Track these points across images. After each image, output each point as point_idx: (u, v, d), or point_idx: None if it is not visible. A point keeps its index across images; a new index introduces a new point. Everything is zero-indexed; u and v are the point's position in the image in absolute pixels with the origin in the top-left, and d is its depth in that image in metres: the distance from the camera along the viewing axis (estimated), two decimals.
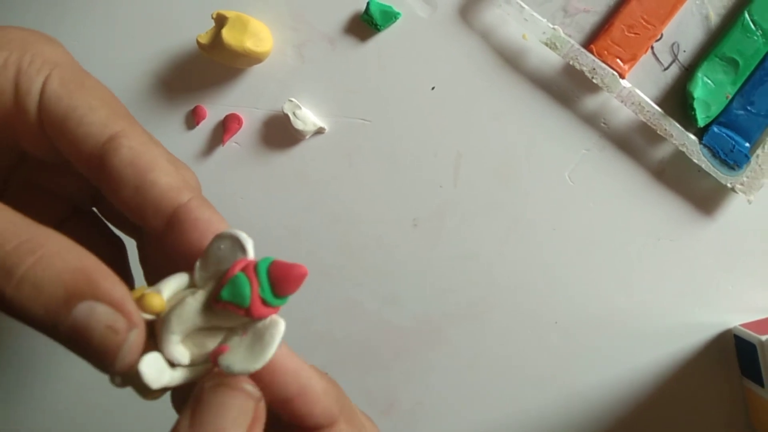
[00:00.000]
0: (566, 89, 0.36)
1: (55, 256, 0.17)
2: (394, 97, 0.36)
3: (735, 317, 0.37)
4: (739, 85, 0.35)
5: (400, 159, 0.37)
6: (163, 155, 0.21)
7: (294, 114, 0.35)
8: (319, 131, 0.36)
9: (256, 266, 0.18)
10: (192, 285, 0.19)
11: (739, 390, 0.37)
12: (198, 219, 0.20)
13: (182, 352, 0.19)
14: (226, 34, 0.33)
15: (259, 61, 0.35)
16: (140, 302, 0.18)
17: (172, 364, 0.18)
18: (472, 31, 0.36)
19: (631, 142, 0.36)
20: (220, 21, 0.34)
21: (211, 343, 0.19)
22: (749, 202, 0.35)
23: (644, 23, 0.35)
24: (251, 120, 0.37)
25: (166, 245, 0.20)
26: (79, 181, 0.24)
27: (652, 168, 0.36)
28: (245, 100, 0.36)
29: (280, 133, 0.36)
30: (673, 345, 0.37)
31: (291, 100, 0.35)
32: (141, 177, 0.20)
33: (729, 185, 0.35)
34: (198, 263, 0.19)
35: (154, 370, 0.18)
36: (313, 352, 0.37)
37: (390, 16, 0.35)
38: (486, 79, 0.36)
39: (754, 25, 0.34)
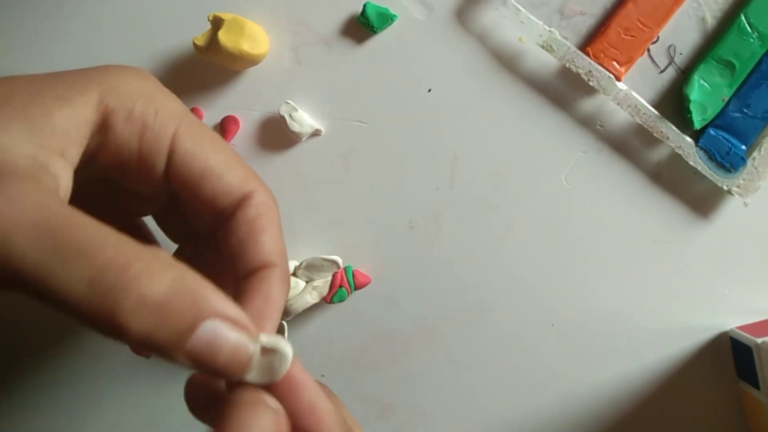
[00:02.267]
0: (562, 92, 0.36)
1: (182, 277, 0.17)
2: (390, 99, 0.36)
3: (731, 320, 0.37)
4: (735, 87, 0.35)
5: (396, 161, 0.37)
6: (277, 216, 0.24)
7: (290, 116, 0.35)
8: (316, 133, 0.36)
9: (345, 273, 0.34)
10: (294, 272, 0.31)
11: (736, 393, 0.37)
12: (272, 288, 0.22)
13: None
14: (223, 36, 0.33)
15: (255, 63, 0.35)
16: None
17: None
18: (468, 33, 0.36)
19: (628, 145, 0.36)
20: (217, 23, 0.34)
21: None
22: (745, 204, 0.35)
23: (640, 26, 0.35)
24: (247, 122, 0.37)
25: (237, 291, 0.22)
26: (151, 205, 0.25)
27: (648, 170, 0.36)
28: (242, 102, 0.36)
29: (276, 135, 0.36)
30: (669, 348, 0.37)
31: (287, 102, 0.35)
32: (252, 234, 0.22)
33: (725, 188, 0.35)
34: (304, 265, 0.34)
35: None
36: (309, 355, 0.37)
37: (386, 19, 0.35)
38: (482, 82, 0.36)
39: (751, 27, 0.34)
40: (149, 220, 0.29)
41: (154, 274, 0.17)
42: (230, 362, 0.18)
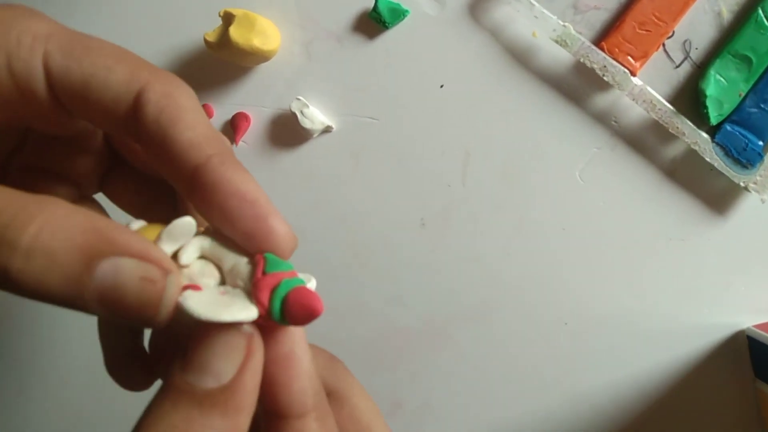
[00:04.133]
0: (577, 87, 0.35)
1: (61, 219, 0.15)
2: (402, 95, 0.36)
3: (748, 318, 0.36)
4: (752, 82, 0.34)
5: (408, 158, 0.36)
6: (189, 104, 0.19)
7: (301, 112, 0.35)
8: (327, 130, 0.36)
9: (276, 286, 0.17)
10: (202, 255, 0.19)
11: (752, 392, 0.36)
12: (219, 180, 0.18)
13: (193, 257, 0.18)
14: (234, 32, 0.33)
15: (266, 59, 0.35)
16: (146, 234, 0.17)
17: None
18: (481, 28, 0.35)
19: (643, 141, 0.36)
20: (228, 19, 0.34)
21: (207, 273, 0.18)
22: (762, 201, 0.34)
23: (656, 20, 0.34)
24: (258, 119, 0.36)
25: (194, 206, 0.19)
26: (86, 161, 0.23)
27: (663, 167, 0.36)
28: (252, 99, 0.36)
29: (287, 131, 0.36)
30: (685, 346, 0.36)
31: (298, 99, 0.35)
32: (163, 134, 0.18)
33: (742, 184, 0.34)
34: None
35: (198, 302, 0.17)
36: None
37: (398, 14, 0.35)
38: (495, 77, 0.36)
39: None
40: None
41: (37, 222, 0.15)
42: (138, 303, 0.16)
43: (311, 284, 0.19)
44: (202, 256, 0.18)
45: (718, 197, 0.36)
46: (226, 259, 0.18)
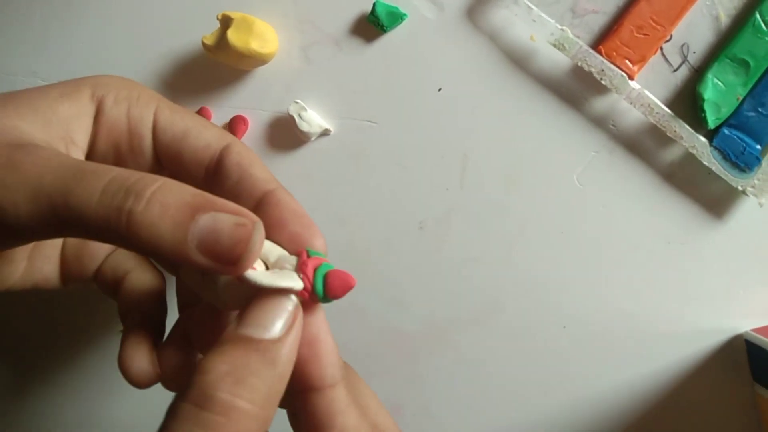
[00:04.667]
0: (574, 91, 0.35)
1: (174, 185, 0.20)
2: (400, 98, 0.36)
3: (746, 322, 0.36)
4: (750, 86, 0.34)
5: (406, 161, 0.36)
6: (256, 158, 0.26)
7: (299, 116, 0.35)
8: (325, 133, 0.36)
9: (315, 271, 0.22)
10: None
11: (751, 396, 0.36)
12: (282, 203, 0.24)
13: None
14: (232, 35, 0.33)
15: (264, 62, 0.35)
16: None
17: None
18: (479, 32, 0.36)
19: (641, 145, 0.36)
20: (226, 22, 0.34)
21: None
22: (761, 205, 0.34)
23: (653, 24, 0.34)
24: (256, 122, 0.36)
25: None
26: None
27: (661, 170, 0.36)
28: (250, 102, 0.36)
29: (285, 135, 0.36)
30: (683, 350, 0.36)
31: (296, 102, 0.35)
32: (243, 172, 0.25)
33: (740, 188, 0.34)
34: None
35: (258, 274, 0.21)
36: None
37: (396, 17, 0.35)
38: (493, 81, 0.36)
39: (766, 25, 0.34)
40: None
41: (157, 183, 0.20)
42: (231, 243, 0.19)
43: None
44: None
45: (716, 201, 0.36)
46: (272, 253, 0.23)
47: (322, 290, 0.21)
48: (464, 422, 0.37)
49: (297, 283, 0.21)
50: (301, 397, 0.22)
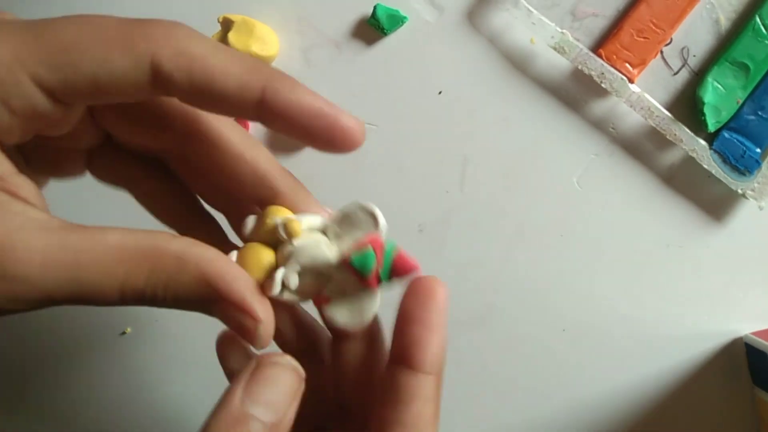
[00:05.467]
0: (574, 94, 0.36)
1: (178, 273, 0.20)
2: (400, 101, 0.36)
3: (746, 325, 0.36)
4: (750, 90, 0.34)
5: (406, 164, 0.36)
6: (214, 50, 0.21)
7: None
8: None
9: (384, 247, 0.21)
10: (323, 230, 0.22)
11: (751, 399, 0.36)
12: (284, 108, 0.21)
13: (295, 281, 0.21)
14: (233, 37, 0.33)
15: None
16: (286, 226, 0.21)
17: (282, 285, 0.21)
18: (479, 35, 0.36)
19: (641, 148, 0.36)
20: (227, 25, 0.34)
21: (317, 284, 0.22)
22: (760, 208, 0.34)
23: (654, 27, 0.34)
24: (256, 124, 0.36)
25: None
26: (91, 135, 0.24)
27: (661, 173, 0.36)
28: None
29: (285, 137, 0.36)
30: (683, 353, 0.36)
31: None
32: (207, 89, 0.20)
33: (739, 191, 0.34)
34: (334, 217, 0.22)
35: (337, 311, 0.22)
36: None
37: (397, 20, 0.35)
38: (493, 84, 0.36)
39: (765, 29, 0.34)
40: None
41: (174, 270, 0.20)
42: (240, 333, 0.20)
43: (377, 301, 0.23)
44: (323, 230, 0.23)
45: (715, 204, 0.36)
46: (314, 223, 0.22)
47: (388, 275, 0.21)
48: (463, 425, 0.37)
49: (374, 308, 0.22)
50: (394, 368, 0.22)
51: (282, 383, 0.20)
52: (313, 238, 0.22)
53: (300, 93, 0.21)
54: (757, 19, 0.34)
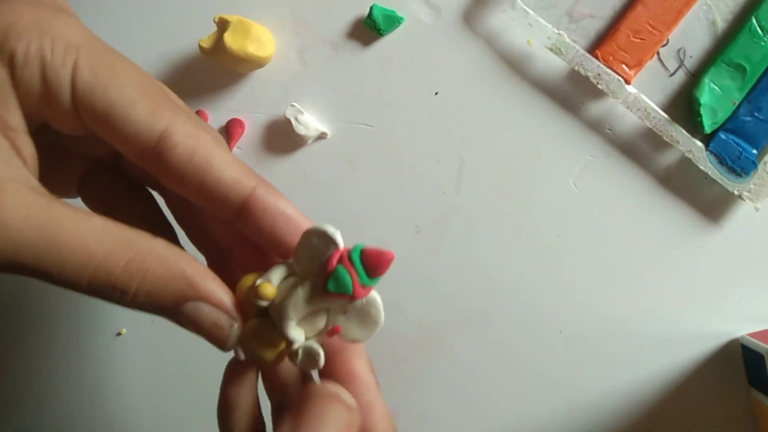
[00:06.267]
0: (571, 95, 0.35)
1: (158, 267, 0.19)
2: (397, 102, 0.36)
3: (742, 326, 0.36)
4: (746, 91, 0.34)
5: (402, 165, 0.36)
6: (214, 143, 0.21)
7: (296, 119, 0.35)
8: (321, 136, 0.36)
9: (350, 255, 0.21)
10: (292, 272, 0.22)
11: (747, 400, 0.36)
12: (268, 209, 0.22)
13: (299, 332, 0.21)
14: (229, 38, 0.33)
15: (261, 65, 0.35)
16: (255, 291, 0.21)
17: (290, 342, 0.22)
18: (476, 35, 0.36)
19: (637, 149, 0.36)
20: (223, 25, 0.34)
21: (320, 322, 0.22)
22: (756, 209, 0.34)
23: (650, 29, 0.34)
24: (253, 125, 0.36)
25: (241, 229, 0.22)
26: (104, 147, 0.23)
27: (658, 175, 0.36)
28: (247, 105, 0.36)
29: (281, 138, 0.36)
30: (679, 354, 0.36)
31: (293, 105, 0.35)
32: (203, 174, 0.21)
33: (736, 192, 0.34)
34: (295, 255, 0.21)
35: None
36: None
37: (393, 21, 0.35)
38: (490, 85, 0.36)
39: (762, 30, 0.34)
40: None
41: (149, 265, 0.19)
42: (211, 333, 0.21)
43: (379, 300, 0.22)
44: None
45: (712, 205, 0.36)
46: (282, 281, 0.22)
47: (367, 277, 0.21)
48: (460, 426, 0.37)
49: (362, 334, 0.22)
50: None
51: (332, 415, 0.20)
52: (288, 288, 0.21)
53: (283, 201, 0.22)
54: (754, 21, 0.34)
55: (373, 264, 0.21)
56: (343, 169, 0.36)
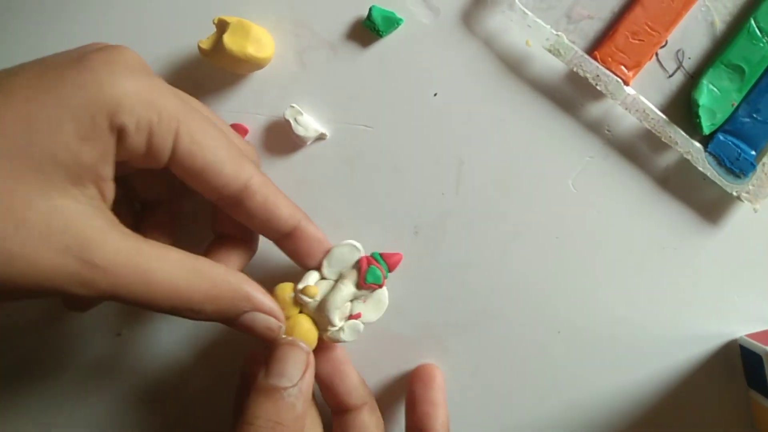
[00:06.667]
0: (570, 96, 0.36)
1: (228, 292, 0.26)
2: (396, 103, 0.36)
3: (741, 327, 0.36)
4: (744, 92, 0.34)
5: (401, 166, 0.36)
6: (278, 190, 0.30)
7: (295, 120, 0.35)
8: (321, 137, 0.36)
9: (374, 257, 0.32)
10: (322, 277, 0.32)
11: (746, 402, 0.36)
12: (308, 236, 0.31)
13: (339, 318, 0.31)
14: (228, 39, 0.33)
15: (260, 66, 0.35)
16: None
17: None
18: (475, 37, 0.36)
19: (636, 150, 0.36)
20: (222, 26, 0.34)
21: (345, 310, 0.31)
22: (755, 210, 0.34)
23: (649, 30, 0.34)
24: (252, 126, 0.36)
25: (285, 248, 0.31)
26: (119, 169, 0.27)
27: (656, 176, 0.36)
28: (246, 106, 0.36)
29: (281, 139, 0.36)
30: (678, 356, 0.36)
31: (292, 106, 0.35)
32: (270, 214, 0.29)
33: (734, 194, 0.34)
34: (325, 263, 0.32)
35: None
36: None
37: (392, 22, 0.35)
38: (489, 86, 0.36)
39: (760, 32, 0.34)
40: None
41: (219, 286, 0.27)
42: (264, 335, 0.28)
43: (386, 291, 0.33)
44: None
45: (710, 206, 0.36)
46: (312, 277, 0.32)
47: (388, 272, 0.32)
48: (460, 426, 0.37)
49: (380, 310, 0.33)
50: (335, 417, 0.32)
51: (291, 357, 0.28)
52: (328, 286, 0.31)
53: (316, 229, 0.31)
54: (752, 22, 0.34)
55: (388, 262, 0.32)
56: (343, 170, 0.36)
